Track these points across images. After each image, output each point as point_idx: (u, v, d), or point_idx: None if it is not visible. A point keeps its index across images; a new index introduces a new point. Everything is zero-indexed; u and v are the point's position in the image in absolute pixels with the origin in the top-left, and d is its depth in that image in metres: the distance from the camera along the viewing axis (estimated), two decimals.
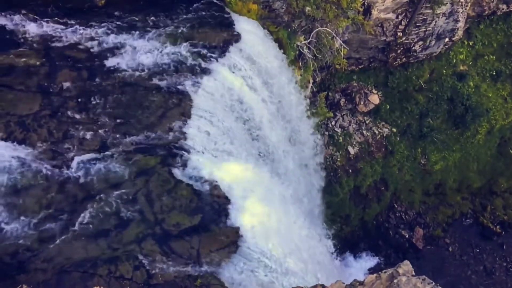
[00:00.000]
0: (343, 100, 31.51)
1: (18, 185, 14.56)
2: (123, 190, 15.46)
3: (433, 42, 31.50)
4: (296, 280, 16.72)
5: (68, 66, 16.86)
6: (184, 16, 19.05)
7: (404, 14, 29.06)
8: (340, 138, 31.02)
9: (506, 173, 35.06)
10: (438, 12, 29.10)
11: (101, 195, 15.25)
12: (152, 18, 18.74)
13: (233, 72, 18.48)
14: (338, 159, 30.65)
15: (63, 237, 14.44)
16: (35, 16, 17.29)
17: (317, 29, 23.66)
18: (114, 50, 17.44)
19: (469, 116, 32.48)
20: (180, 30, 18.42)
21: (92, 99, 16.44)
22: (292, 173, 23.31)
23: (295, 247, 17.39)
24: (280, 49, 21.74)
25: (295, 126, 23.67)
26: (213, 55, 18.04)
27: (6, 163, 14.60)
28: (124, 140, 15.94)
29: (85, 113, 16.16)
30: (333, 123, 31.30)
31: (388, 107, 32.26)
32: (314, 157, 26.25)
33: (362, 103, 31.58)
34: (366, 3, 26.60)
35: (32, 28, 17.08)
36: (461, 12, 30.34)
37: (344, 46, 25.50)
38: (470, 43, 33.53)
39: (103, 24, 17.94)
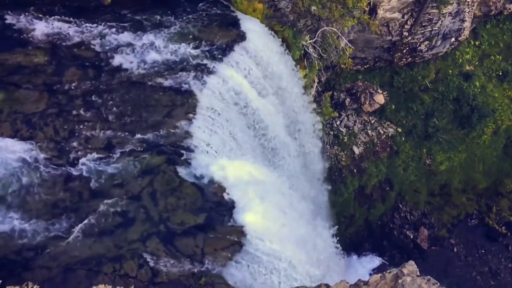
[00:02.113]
0: (348, 99, 31.45)
1: (24, 184, 14.63)
2: (128, 189, 15.52)
3: (439, 42, 31.36)
4: (300, 279, 16.72)
5: (75, 64, 16.93)
6: (190, 15, 19.09)
7: (410, 13, 28.95)
8: (345, 137, 30.98)
9: None
10: (444, 11, 28.97)
11: (107, 194, 15.32)
12: (158, 17, 18.79)
13: (238, 71, 18.49)
14: (343, 159, 30.61)
15: (68, 235, 14.51)
16: (42, 15, 17.38)
17: (322, 29, 23.64)
18: (121, 49, 17.51)
19: (475, 117, 32.32)
20: (186, 29, 18.46)
21: (98, 97, 16.51)
22: (297, 173, 23.30)
23: (299, 247, 17.39)
24: (285, 48, 21.73)
25: (299, 123, 23.66)
26: (219, 54, 18.06)
27: (12, 161, 14.68)
28: (130, 139, 15.99)
29: (92, 111, 16.22)
30: (338, 122, 31.26)
31: (393, 107, 32.18)
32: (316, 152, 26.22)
33: (367, 102, 31.52)
34: (372, 3, 26.53)
35: (39, 27, 17.17)
36: (468, 12, 30.18)
37: (350, 45, 25.45)
38: (477, 43, 33.36)
39: (109, 23, 18.01)
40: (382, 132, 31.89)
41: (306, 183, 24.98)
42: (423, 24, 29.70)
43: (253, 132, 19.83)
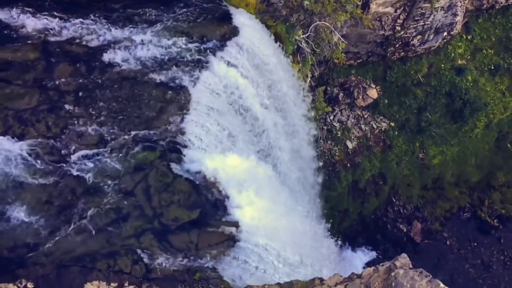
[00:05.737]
0: (341, 94, 31.49)
1: (16, 180, 14.56)
2: (121, 185, 15.49)
3: (431, 36, 31.45)
4: (294, 274, 16.79)
5: (66, 60, 16.81)
6: (182, 10, 19.00)
7: (402, 8, 28.99)
8: (339, 132, 31.05)
9: (504, 167, 35.14)
10: (437, 6, 29.03)
11: (100, 190, 15.27)
12: (151, 12, 18.68)
13: (231, 66, 18.45)
14: (337, 154, 30.68)
15: (62, 232, 14.48)
16: (33, 10, 17.21)
17: (315, 23, 23.62)
18: (113, 44, 17.39)
19: (467, 110, 32.49)
20: (178, 24, 18.38)
21: (90, 93, 16.42)
22: (291, 167, 23.34)
23: (293, 241, 17.46)
24: (278, 43, 21.69)
25: (291, 119, 23.68)
26: (211, 49, 18.01)
27: (4, 158, 14.59)
28: (123, 135, 15.94)
29: (84, 108, 16.14)
30: (331, 117, 31.31)
31: (386, 101, 32.26)
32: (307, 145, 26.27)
33: (360, 97, 31.58)
34: None
35: (30, 22, 17.01)
36: (460, 6, 30.27)
37: (343, 40, 25.46)
38: (469, 37, 33.47)
39: (101, 18, 17.88)
40: (375, 127, 31.99)
41: (299, 177, 25.03)
42: (416, 18, 29.74)
43: (247, 127, 19.83)
